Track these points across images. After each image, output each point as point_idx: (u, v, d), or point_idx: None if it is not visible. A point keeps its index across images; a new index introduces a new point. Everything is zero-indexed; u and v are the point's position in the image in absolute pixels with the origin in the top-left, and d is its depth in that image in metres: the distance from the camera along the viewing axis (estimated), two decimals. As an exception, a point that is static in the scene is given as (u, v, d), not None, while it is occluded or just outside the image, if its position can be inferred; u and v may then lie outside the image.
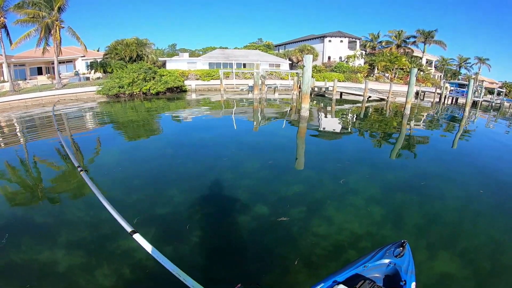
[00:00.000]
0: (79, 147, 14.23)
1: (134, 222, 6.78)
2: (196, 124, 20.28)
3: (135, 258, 5.75)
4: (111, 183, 9.43)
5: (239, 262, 5.86)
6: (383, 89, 45.57)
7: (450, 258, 6.17)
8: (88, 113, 25.25)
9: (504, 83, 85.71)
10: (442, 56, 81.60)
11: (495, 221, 8.04)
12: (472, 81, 32.16)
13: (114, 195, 8.46)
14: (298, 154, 13.35)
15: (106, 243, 6.26)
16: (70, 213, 7.48)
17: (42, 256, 5.79)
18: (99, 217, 7.15)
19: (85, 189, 8.95)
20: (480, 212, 8.49)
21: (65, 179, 10.02)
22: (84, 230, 6.70)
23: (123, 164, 11.27)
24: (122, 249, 6.03)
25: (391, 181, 10.47)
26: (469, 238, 7.09)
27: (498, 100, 52.17)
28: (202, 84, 45.04)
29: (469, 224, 7.82)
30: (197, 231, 6.79)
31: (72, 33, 36.61)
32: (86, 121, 21.02)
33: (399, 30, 65.66)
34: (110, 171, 10.37)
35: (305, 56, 20.82)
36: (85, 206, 7.86)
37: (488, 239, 7.08)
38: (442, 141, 19.06)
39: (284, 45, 79.71)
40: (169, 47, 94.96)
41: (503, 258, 6.39)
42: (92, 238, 6.43)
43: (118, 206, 7.61)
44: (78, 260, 5.71)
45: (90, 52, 50.38)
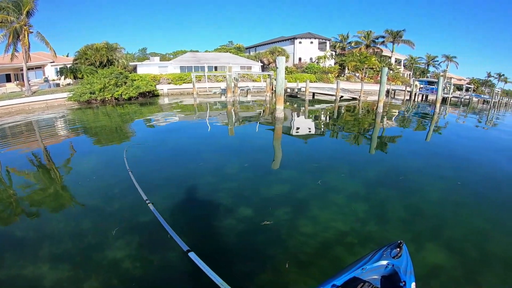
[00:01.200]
0: (52, 156, 13.48)
1: (113, 233, 6.49)
2: (171, 129, 19.71)
3: (122, 268, 5.51)
4: (88, 192, 8.87)
5: (228, 267, 5.59)
6: (354, 88, 46.16)
7: (437, 249, 6.16)
8: (59, 120, 24.17)
9: (472, 80, 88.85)
10: (411, 55, 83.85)
11: (476, 210, 8.18)
12: (441, 78, 32.88)
13: (94, 203, 8.05)
14: (276, 155, 13.11)
15: (92, 254, 5.93)
16: (51, 225, 7.05)
17: (27, 271, 5.45)
18: (80, 227, 6.83)
19: (62, 200, 8.59)
20: (461, 203, 8.60)
21: (41, 190, 9.35)
22: (67, 242, 6.32)
23: (99, 172, 10.66)
24: (109, 259, 5.75)
25: (370, 177, 10.44)
26: (453, 228, 7.14)
27: (467, 96, 53.89)
28: (174, 88, 44.26)
29: (451, 215, 7.87)
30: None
31: (41, 38, 35.11)
32: (58, 129, 20.06)
33: (368, 31, 66.83)
34: (85, 180, 9.78)
35: (277, 57, 20.63)
36: (65, 218, 7.43)
37: (471, 228, 7.19)
38: (415, 136, 19.34)
39: (255, 47, 79.63)
40: (140, 51, 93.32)
41: (488, 245, 6.47)
42: (77, 250, 6.08)
43: (97, 216, 7.46)
44: (64, 273, 5.41)
45: (60, 57, 48.62)
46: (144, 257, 5.84)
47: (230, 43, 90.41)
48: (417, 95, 49.51)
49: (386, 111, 29.76)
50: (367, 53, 64.56)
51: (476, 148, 16.16)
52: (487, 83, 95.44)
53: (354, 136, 18.07)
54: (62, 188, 9.46)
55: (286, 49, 63.99)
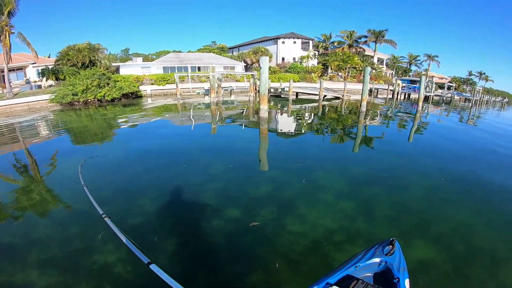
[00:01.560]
0: (35, 159, 13.08)
1: (99, 237, 6.28)
2: (155, 130, 19.40)
3: (114, 273, 5.36)
4: (72, 195, 8.56)
5: (218, 268, 5.53)
6: (337, 87, 46.47)
7: (425, 244, 6.19)
8: (42, 123, 23.54)
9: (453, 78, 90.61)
10: (393, 54, 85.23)
11: (461, 206, 8.29)
12: (423, 77, 33.35)
13: (81, 207, 7.77)
14: (261, 155, 13.03)
15: (81, 259, 5.74)
16: (37, 230, 6.77)
17: (16, 278, 5.27)
18: (68, 232, 6.62)
19: (47, 204, 8.35)
20: (445, 199, 8.70)
21: (26, 194, 9.00)
22: (55, 247, 6.09)
23: (85, 175, 10.28)
24: (99, 264, 5.58)
25: (356, 175, 10.45)
26: (440, 223, 7.19)
27: (449, 94, 54.83)
28: (157, 89, 43.77)
29: (437, 210, 7.95)
30: (169, 240, 6.34)
31: (22, 39, 34.17)
32: (41, 132, 19.51)
33: (351, 31, 67.29)
34: (71, 183, 9.38)
35: (261, 57, 20.55)
36: (51, 222, 7.20)
37: (457, 223, 7.27)
38: (399, 135, 19.55)
39: (238, 47, 79.49)
40: (122, 52, 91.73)
41: (475, 240, 6.56)
42: (65, 255, 5.88)
43: (87, 218, 7.19)
44: (54, 279, 5.23)
45: (41, 58, 47.55)
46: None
47: (213, 43, 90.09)
48: (399, 94, 50.13)
49: (369, 110, 30.01)
50: (350, 52, 65.06)
51: (458, 145, 16.46)
52: (468, 82, 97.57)
53: (339, 135, 18.17)
54: (47, 191, 9.15)
55: (269, 49, 64.06)
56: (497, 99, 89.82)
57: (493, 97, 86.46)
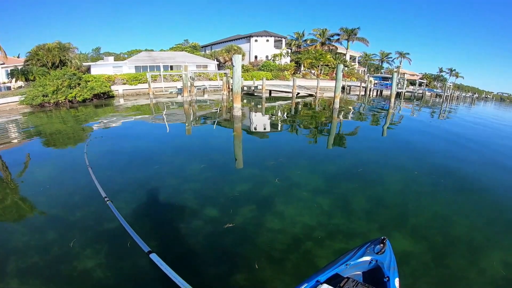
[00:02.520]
0: (6, 163, 12.44)
1: (70, 245, 5.99)
2: (128, 131, 18.85)
3: (92, 277, 5.14)
4: (50, 200, 8.16)
5: (199, 270, 5.39)
6: (310, 85, 46.82)
7: (403, 236, 6.25)
8: (12, 126, 22.54)
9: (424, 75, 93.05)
10: (365, 52, 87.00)
11: (435, 197, 8.46)
12: (395, 74, 33.87)
13: (56, 212, 7.42)
14: (236, 154, 12.90)
15: (61, 266, 5.45)
16: (14, 238, 6.36)
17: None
18: (46, 239, 6.25)
19: (22, 211, 7.84)
20: (420, 191, 8.86)
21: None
22: (34, 255, 5.74)
23: (58, 179, 9.88)
24: (79, 270, 5.32)
25: (331, 171, 10.50)
26: (416, 215, 7.29)
27: (420, 90, 56.24)
28: (129, 89, 42.72)
29: (412, 203, 8.05)
30: (142, 239, 6.07)
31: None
32: (11, 136, 18.64)
33: (323, 29, 68.11)
34: (45, 187, 9.02)
35: (234, 56, 20.40)
36: (28, 230, 6.74)
37: (433, 215, 7.40)
38: (372, 130, 19.83)
39: (211, 46, 79.05)
40: (93, 51, 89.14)
41: (451, 230, 6.71)
42: (45, 262, 5.55)
43: (64, 223, 6.86)
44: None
45: (10, 59, 45.56)
46: (106, 261, 5.49)
47: (185, 41, 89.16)
48: (372, 91, 51.06)
49: (342, 106, 30.32)
50: (323, 50, 65.79)
51: (430, 139, 16.91)
52: (439, 78, 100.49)
53: (312, 132, 18.25)
54: (21, 198, 8.63)
55: (242, 47, 64.01)
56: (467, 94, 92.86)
57: (463, 93, 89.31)
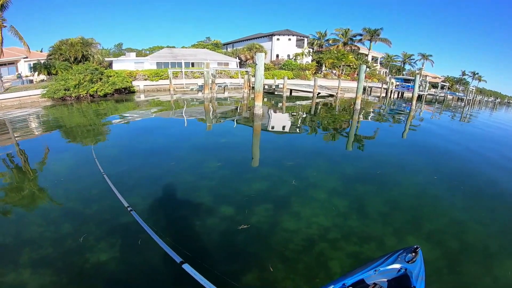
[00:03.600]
0: (26, 155, 12.83)
1: (80, 240, 6.16)
2: (148, 126, 19.17)
3: (107, 272, 5.31)
4: (68, 192, 8.44)
5: (212, 267, 5.34)
6: (331, 85, 46.54)
7: (418, 241, 6.19)
8: (33, 118, 23.15)
9: (447, 78, 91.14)
10: (387, 53, 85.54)
11: (453, 203, 8.36)
12: (417, 76, 33.40)
13: (73, 205, 7.67)
14: (254, 152, 12.99)
15: (74, 258, 5.64)
16: (29, 229, 6.61)
17: (8, 278, 5.13)
18: (60, 231, 6.46)
19: (39, 201, 8.13)
20: (438, 196, 8.76)
21: (17, 192, 8.80)
22: (48, 246, 5.95)
23: (76, 172, 10.17)
24: (91, 263, 5.49)
25: (349, 172, 10.47)
26: (432, 221, 7.23)
27: (442, 93, 55.16)
28: (150, 85, 43.38)
29: (429, 208, 8.00)
30: (165, 237, 6.17)
31: (14, 33, 33.33)
32: (32, 127, 19.14)
33: (346, 29, 67.48)
34: (63, 180, 9.34)
35: (257, 54, 20.51)
36: (43, 220, 6.98)
37: (450, 220, 7.34)
38: (392, 133, 19.62)
39: (233, 44, 79.21)
40: (115, 46, 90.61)
41: (467, 236, 6.63)
42: (58, 254, 5.74)
43: (80, 216, 7.10)
44: (47, 278, 5.13)
45: (33, 53, 46.62)
46: (119, 254, 5.68)
47: (207, 39, 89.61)
48: (393, 92, 50.34)
49: (363, 108, 30.05)
50: (345, 50, 65.26)
51: (451, 144, 16.60)
52: (461, 81, 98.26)
53: (332, 133, 18.20)
54: (39, 189, 8.94)
55: (264, 45, 63.90)
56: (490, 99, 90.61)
57: (485, 97, 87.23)
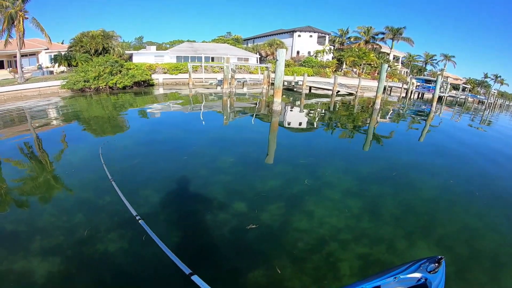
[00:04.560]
0: (43, 145, 13.19)
1: (87, 231, 6.35)
2: (165, 120, 19.52)
3: (114, 262, 5.47)
4: (83, 183, 8.67)
5: (221, 263, 5.59)
6: (351, 84, 46.14)
7: (428, 246, 6.21)
8: (52, 109, 23.72)
9: (468, 80, 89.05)
10: (409, 52, 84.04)
11: (467, 209, 8.24)
12: (439, 77, 32.78)
13: (87, 196, 7.89)
14: (270, 149, 13.06)
15: (83, 248, 5.81)
16: (41, 218, 6.83)
17: (17, 266, 5.31)
18: (72, 221, 6.66)
19: (54, 191, 8.38)
20: (453, 201, 8.69)
21: (33, 181, 9.14)
22: (59, 235, 6.14)
23: (91, 163, 10.31)
24: (100, 252, 5.66)
25: (364, 173, 10.44)
26: (445, 226, 7.18)
27: (463, 95, 54.02)
28: (169, 78, 43.82)
29: (443, 212, 7.95)
30: (172, 232, 6.46)
31: (36, 25, 34.14)
32: (51, 118, 19.59)
33: (368, 27, 66.64)
34: (79, 171, 9.60)
35: (278, 50, 20.50)
36: (56, 210, 7.21)
37: (463, 226, 7.25)
38: (410, 134, 19.38)
39: (253, 39, 79.15)
40: (136, 40, 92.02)
41: (478, 244, 6.54)
42: (68, 244, 5.91)
43: (93, 207, 7.33)
44: (55, 268, 5.28)
45: (55, 44, 47.58)
46: (134, 254, 5.81)
47: (228, 34, 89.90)
48: (413, 93, 49.59)
49: (382, 107, 29.74)
50: (366, 49, 64.50)
51: (469, 148, 16.29)
52: (483, 84, 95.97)
53: (350, 132, 18.12)
54: (54, 179, 9.21)
55: (284, 42, 63.65)
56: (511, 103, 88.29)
57: (507, 101, 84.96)
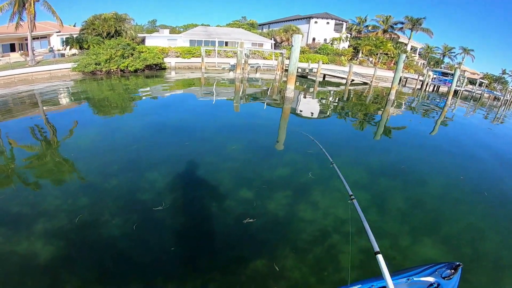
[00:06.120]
0: (55, 127, 13.31)
1: (93, 215, 6.54)
2: (176, 104, 19.53)
3: (117, 247, 5.58)
4: (90, 167, 8.78)
5: (224, 251, 5.69)
6: (366, 73, 45.35)
7: (433, 244, 6.15)
8: (62, 91, 23.86)
9: (486, 75, 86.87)
10: (427, 44, 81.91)
11: (474, 208, 8.12)
12: (457, 70, 32.03)
13: (94, 179, 8.00)
14: (280, 136, 13.04)
15: (87, 231, 5.90)
16: (47, 200, 6.92)
17: (21, 248, 5.39)
18: (77, 204, 6.75)
19: (61, 175, 8.46)
20: (461, 199, 8.57)
21: (41, 163, 9.30)
22: (63, 218, 6.22)
23: (102, 147, 10.55)
24: (104, 236, 5.77)
25: (374, 165, 10.35)
26: (450, 224, 7.10)
27: (479, 90, 52.78)
28: (182, 62, 43.47)
29: (450, 210, 7.83)
30: (182, 217, 6.59)
31: (47, 7, 33.82)
32: (61, 100, 19.69)
33: (387, 15, 65.12)
34: (87, 154, 9.71)
35: (294, 35, 20.17)
36: (63, 194, 7.28)
37: (467, 226, 7.16)
38: (423, 127, 19.07)
39: (268, 25, 78.18)
40: (149, 23, 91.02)
41: (482, 244, 6.49)
42: (72, 227, 5.98)
43: (99, 191, 7.40)
44: (58, 250, 5.37)
45: (66, 27, 47.31)
46: (139, 240, 5.88)
47: (243, 18, 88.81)
48: (428, 85, 48.62)
49: (396, 98, 29.25)
50: (384, 38, 63.21)
51: (482, 144, 15.97)
52: (500, 80, 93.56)
53: (361, 122, 17.93)
54: (62, 163, 9.30)
55: (300, 28, 62.68)
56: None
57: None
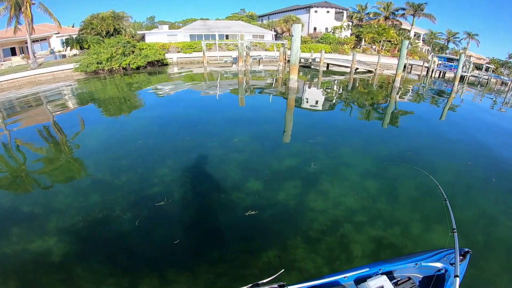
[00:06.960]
0: (60, 128, 13.38)
1: (105, 211, 6.45)
2: (180, 99, 19.52)
3: (130, 243, 5.60)
4: (99, 164, 8.85)
5: (234, 242, 5.70)
6: (370, 61, 44.91)
7: (444, 231, 5.97)
8: (67, 92, 23.86)
9: (492, 60, 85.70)
10: (431, 29, 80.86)
11: (485, 194, 8.02)
12: (462, 55, 31.53)
13: (103, 176, 8.02)
14: (287, 127, 12.96)
15: (97, 228, 5.97)
16: (58, 199, 6.99)
17: (34, 245, 5.46)
18: (88, 201, 6.82)
19: (71, 173, 8.56)
20: (470, 185, 8.47)
21: (51, 163, 9.35)
22: (75, 216, 6.29)
23: (109, 144, 10.65)
24: (114, 231, 5.86)
25: (383, 153, 10.26)
26: (461, 211, 6.95)
27: (486, 75, 52.08)
28: (183, 57, 43.44)
29: (460, 197, 7.72)
30: (192, 211, 6.61)
31: (44, 9, 33.76)
32: (66, 101, 19.73)
33: (388, 2, 64.25)
34: (96, 151, 9.81)
35: (293, 25, 19.88)
36: (73, 191, 7.36)
37: (479, 212, 7.08)
38: (430, 114, 18.84)
39: (268, 16, 77.46)
40: (148, 20, 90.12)
41: (495, 231, 6.43)
42: (84, 224, 6.06)
43: (108, 187, 7.43)
44: (72, 247, 5.45)
45: (65, 28, 47.22)
46: (149, 236, 5.88)
47: (242, 11, 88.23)
48: (434, 71, 48.04)
49: (401, 86, 28.88)
50: (386, 25, 62.45)
51: (491, 130, 15.71)
52: (507, 65, 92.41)
53: (368, 111, 17.81)
54: (71, 162, 9.37)
55: (301, 18, 62.12)
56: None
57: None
